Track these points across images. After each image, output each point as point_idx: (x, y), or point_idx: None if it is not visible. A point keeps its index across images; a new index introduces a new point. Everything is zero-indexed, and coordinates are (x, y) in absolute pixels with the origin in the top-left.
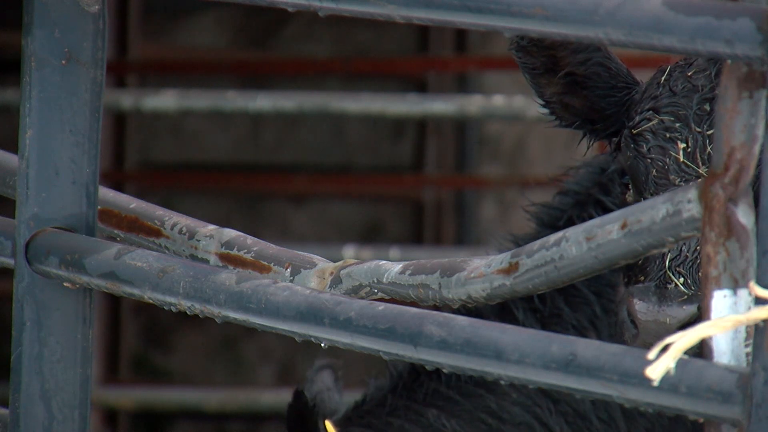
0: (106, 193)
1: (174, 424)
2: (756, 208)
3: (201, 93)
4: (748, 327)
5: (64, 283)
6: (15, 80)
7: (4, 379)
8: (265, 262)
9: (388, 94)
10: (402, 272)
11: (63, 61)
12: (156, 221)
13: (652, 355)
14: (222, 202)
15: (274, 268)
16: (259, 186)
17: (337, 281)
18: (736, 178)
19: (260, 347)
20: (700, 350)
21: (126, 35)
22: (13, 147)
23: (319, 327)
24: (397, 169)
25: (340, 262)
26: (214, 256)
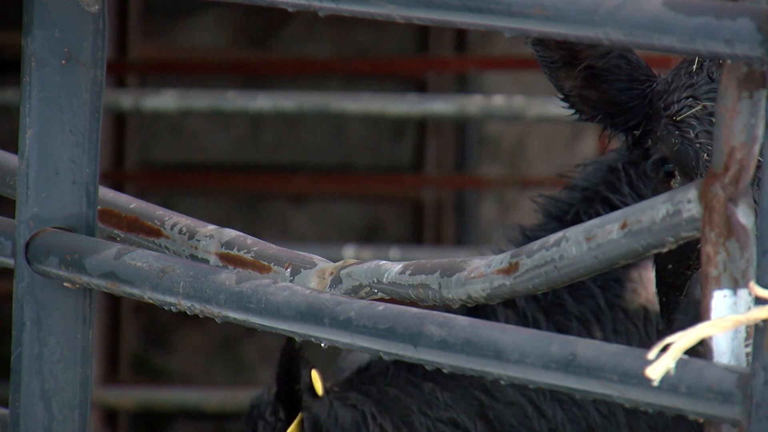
0: (106, 193)
1: (174, 424)
2: (756, 208)
3: (201, 93)
4: (748, 327)
5: (64, 283)
6: (15, 80)
7: (4, 379)
8: (265, 262)
9: (388, 94)
10: (402, 272)
11: (63, 61)
12: (156, 221)
13: (652, 355)
14: (222, 202)
15: (274, 268)
16: (259, 186)
17: (337, 281)
18: (736, 178)
19: (260, 347)
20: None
21: (126, 35)
22: (13, 147)
23: (319, 327)
24: (397, 169)
25: (340, 262)
26: (214, 256)
